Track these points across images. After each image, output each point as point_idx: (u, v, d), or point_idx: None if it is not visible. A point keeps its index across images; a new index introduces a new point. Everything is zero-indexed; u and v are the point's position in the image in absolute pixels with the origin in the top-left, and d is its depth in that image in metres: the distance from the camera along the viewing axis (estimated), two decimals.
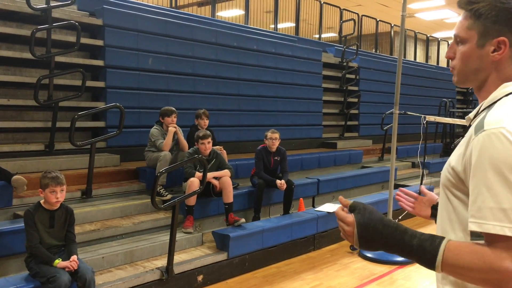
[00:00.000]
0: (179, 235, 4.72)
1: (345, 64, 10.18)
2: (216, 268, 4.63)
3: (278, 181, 5.72)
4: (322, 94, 9.69)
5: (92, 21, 6.16)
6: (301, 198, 6.34)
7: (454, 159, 1.20)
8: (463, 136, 1.23)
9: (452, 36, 1.30)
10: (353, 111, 10.40)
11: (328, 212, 5.94)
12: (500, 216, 1.03)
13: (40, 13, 5.42)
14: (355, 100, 10.36)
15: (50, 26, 5.30)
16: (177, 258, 4.44)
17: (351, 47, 10.84)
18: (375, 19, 14.31)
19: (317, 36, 12.60)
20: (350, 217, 1.21)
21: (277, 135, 5.91)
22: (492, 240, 1.05)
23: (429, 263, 1.10)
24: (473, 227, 1.07)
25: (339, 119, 10.37)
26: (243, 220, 5.10)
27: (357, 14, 13.10)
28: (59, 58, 5.54)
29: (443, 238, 1.12)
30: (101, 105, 5.90)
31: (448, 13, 16.60)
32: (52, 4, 5.47)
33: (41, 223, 3.43)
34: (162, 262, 4.30)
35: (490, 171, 1.05)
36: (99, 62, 6.13)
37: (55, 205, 3.50)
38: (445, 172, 1.23)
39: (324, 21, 12.64)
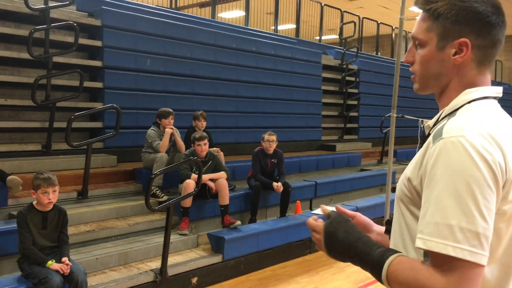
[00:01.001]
0: (174, 237, 4.72)
1: (345, 66, 10.17)
2: (211, 271, 4.62)
3: (275, 184, 5.71)
4: (322, 96, 9.68)
5: (90, 21, 6.16)
6: (298, 201, 6.33)
7: (410, 170, 1.09)
8: (421, 145, 1.14)
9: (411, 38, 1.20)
10: (352, 114, 10.38)
11: (324, 215, 5.91)
12: (445, 233, 0.92)
13: (39, 13, 5.43)
14: (355, 102, 10.34)
15: (48, 26, 5.30)
16: (172, 260, 4.43)
17: (351, 49, 10.83)
18: (376, 21, 14.30)
19: (318, 38, 12.59)
20: (320, 225, 1.18)
21: (274, 137, 5.90)
22: (434, 259, 0.95)
23: (379, 277, 1.04)
24: (418, 243, 0.97)
25: (339, 122, 10.35)
26: (238, 222, 5.09)
27: (358, 16, 13.10)
28: (57, 59, 5.54)
29: (395, 252, 1.05)
30: (99, 105, 5.91)
31: None
32: (51, 4, 5.47)
33: (34, 225, 3.43)
34: (157, 264, 4.29)
35: (442, 183, 0.95)
36: (97, 63, 6.14)
37: (48, 206, 3.49)
38: (400, 184, 1.13)
39: (325, 23, 12.64)
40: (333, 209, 1.28)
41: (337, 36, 12.56)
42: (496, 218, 0.96)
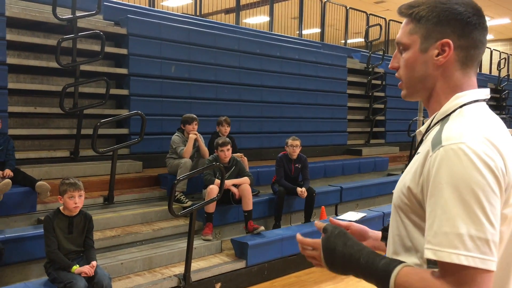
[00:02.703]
0: (198, 242, 4.73)
1: (370, 69, 10.04)
2: (234, 276, 4.61)
3: (298, 189, 5.66)
4: (347, 100, 9.57)
5: (116, 30, 6.29)
6: (323, 206, 6.26)
7: (409, 179, 1.07)
8: (415, 151, 1.14)
9: (396, 44, 1.20)
10: (379, 118, 10.23)
11: (350, 221, 5.82)
12: (455, 243, 0.92)
13: (66, 23, 5.56)
14: (381, 106, 10.19)
15: (75, 35, 5.43)
16: (195, 265, 4.44)
17: (377, 52, 10.68)
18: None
19: (344, 41, 12.49)
20: (317, 241, 1.17)
21: (298, 142, 5.86)
22: (445, 269, 0.94)
23: None
24: (428, 254, 0.96)
25: (365, 126, 10.22)
26: (262, 228, 5.06)
27: (384, 19, 12.92)
28: (84, 67, 5.67)
29: (400, 262, 1.03)
30: (124, 112, 6.01)
31: None
32: (78, 14, 5.60)
33: (60, 229, 3.50)
34: (181, 269, 4.31)
35: (447, 192, 0.94)
36: (123, 70, 6.25)
37: (74, 211, 3.56)
38: (399, 192, 1.11)
39: (351, 27, 12.53)
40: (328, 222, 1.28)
41: (363, 39, 12.43)
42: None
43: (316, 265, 1.20)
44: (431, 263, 1.00)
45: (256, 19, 14.72)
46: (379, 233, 1.41)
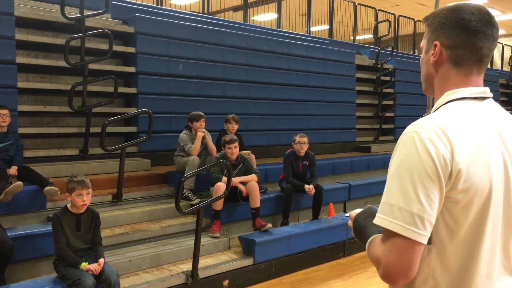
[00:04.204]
0: (205, 240, 4.75)
1: (379, 66, 9.97)
2: (242, 273, 4.62)
3: (306, 186, 5.65)
4: (356, 97, 9.52)
5: (124, 29, 6.32)
6: (331, 203, 6.24)
7: None
8: None
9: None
10: (388, 114, 10.16)
11: None
12: (386, 210, 1.10)
13: (75, 23, 5.61)
14: (391, 102, 10.11)
15: (84, 34, 5.47)
16: (203, 262, 4.46)
17: (386, 49, 10.61)
18: (413, 19, 13.95)
19: (352, 38, 12.42)
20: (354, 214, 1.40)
21: (305, 139, 5.85)
22: (384, 233, 1.13)
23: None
24: (374, 220, 1.15)
25: (374, 123, 10.16)
26: (270, 225, 5.07)
27: (394, 14, 12.82)
28: (93, 66, 5.71)
29: (380, 232, 1.19)
30: (133, 110, 6.04)
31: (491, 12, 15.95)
32: (86, 13, 5.65)
33: (68, 227, 3.54)
34: (188, 266, 4.33)
35: (392, 169, 1.13)
36: (131, 69, 6.28)
37: (82, 209, 3.59)
38: None
39: (360, 23, 12.45)
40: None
41: (372, 36, 12.35)
42: (449, 205, 1.11)
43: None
44: None
45: (264, 17, 14.68)
46: None
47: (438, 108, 1.23)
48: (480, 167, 1.12)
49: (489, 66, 16.50)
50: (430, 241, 1.13)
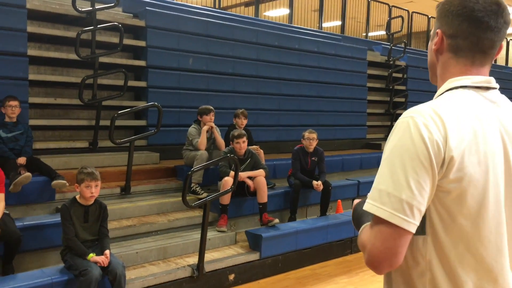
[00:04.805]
0: (212, 234, 4.76)
1: (391, 62, 9.87)
2: (248, 268, 4.62)
3: (314, 182, 5.63)
4: (367, 93, 9.45)
5: (135, 22, 6.34)
6: (339, 200, 6.21)
7: None
8: None
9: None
10: (399, 111, 10.05)
11: None
12: (375, 196, 1.07)
13: (86, 16, 5.64)
14: (402, 100, 10.02)
15: (94, 28, 5.49)
16: (209, 256, 4.47)
17: (399, 45, 10.50)
18: (427, 15, 13.79)
19: (365, 34, 12.32)
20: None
21: (314, 135, 5.82)
22: (373, 219, 1.10)
23: None
24: (364, 206, 1.12)
25: (385, 120, 10.07)
26: (277, 220, 5.06)
27: (407, 11, 12.68)
28: (103, 59, 5.74)
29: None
30: (142, 104, 6.06)
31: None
32: (97, 6, 5.67)
33: (76, 218, 3.56)
34: (195, 259, 4.34)
35: (385, 154, 1.10)
36: (141, 63, 6.30)
37: (90, 200, 3.62)
38: None
39: (373, 19, 12.34)
40: None
41: (385, 32, 12.24)
42: (441, 195, 1.07)
43: None
44: None
45: (276, 12, 14.63)
46: None
47: (439, 96, 1.21)
48: (476, 156, 1.07)
49: (504, 63, 16.26)
50: (425, 231, 1.10)
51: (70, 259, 3.48)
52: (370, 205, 1.07)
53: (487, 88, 1.18)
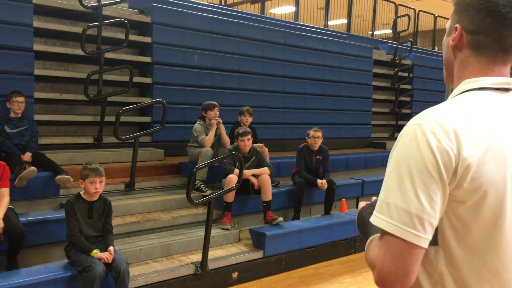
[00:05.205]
0: (216, 231, 4.75)
1: (397, 61, 9.82)
2: (251, 266, 4.61)
3: (319, 181, 5.61)
4: (372, 92, 9.41)
5: (141, 18, 6.32)
6: (343, 199, 6.19)
7: None
8: None
9: None
10: (405, 111, 10.02)
11: None
12: (383, 209, 1.01)
13: (92, 11, 5.62)
14: (408, 99, 9.97)
15: (100, 23, 5.47)
16: (213, 254, 4.47)
17: (405, 44, 10.44)
18: (433, 14, 13.71)
19: (371, 32, 12.26)
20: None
21: (319, 134, 5.80)
22: (380, 233, 1.03)
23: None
24: (371, 219, 1.05)
25: (390, 119, 10.03)
26: (281, 219, 5.04)
27: (414, 9, 12.60)
28: (109, 55, 5.73)
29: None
30: (148, 100, 6.04)
31: None
32: (103, 2, 5.65)
33: (81, 213, 3.57)
34: (198, 257, 4.34)
35: (392, 164, 1.03)
36: (147, 59, 6.29)
37: (94, 196, 3.62)
38: None
39: (379, 17, 12.28)
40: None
41: (391, 31, 12.18)
42: (454, 205, 1.00)
43: None
44: None
45: (282, 9, 14.57)
46: None
47: (452, 98, 1.12)
48: (493, 163, 0.99)
49: None
50: (437, 242, 1.03)
51: (74, 255, 3.49)
52: (379, 219, 1.01)
53: (507, 90, 1.09)
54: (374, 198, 1.38)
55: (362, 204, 1.34)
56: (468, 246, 1.02)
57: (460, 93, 1.10)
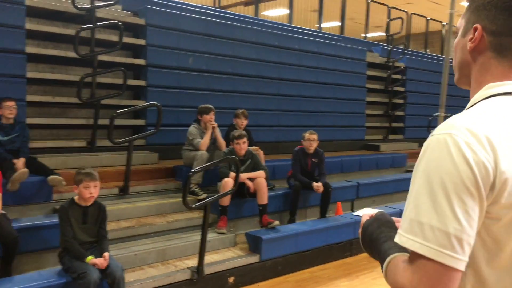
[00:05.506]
0: (212, 236, 4.70)
1: (391, 64, 9.85)
2: (248, 270, 4.57)
3: (314, 184, 5.59)
4: (366, 94, 9.42)
5: (135, 20, 6.27)
6: (338, 202, 6.17)
7: None
8: None
9: None
10: (398, 113, 10.05)
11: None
12: (415, 229, 0.91)
13: (85, 13, 5.57)
14: (401, 101, 10.01)
15: (94, 25, 5.43)
16: (209, 258, 4.42)
17: (398, 47, 10.48)
18: (425, 17, 13.79)
19: (364, 35, 12.29)
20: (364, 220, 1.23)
21: (315, 136, 5.77)
22: (410, 256, 0.93)
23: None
24: (396, 238, 0.96)
25: (383, 121, 10.06)
26: (277, 222, 5.01)
27: (406, 12, 12.66)
28: (102, 57, 5.68)
29: (400, 249, 1.01)
30: (142, 103, 6.00)
31: None
32: (97, 4, 5.60)
33: (75, 219, 3.50)
34: (194, 262, 4.28)
35: (421, 179, 0.93)
36: (141, 61, 6.24)
37: (89, 201, 3.56)
38: None
39: (372, 20, 12.32)
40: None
41: (384, 34, 12.22)
42: (488, 222, 0.92)
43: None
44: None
45: (275, 12, 14.57)
46: None
47: (475, 104, 1.02)
48: None
49: None
50: None
51: (68, 262, 3.42)
52: (411, 241, 0.90)
53: None
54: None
55: (364, 217, 1.25)
56: (500, 266, 0.94)
57: (483, 99, 1.02)
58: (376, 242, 1.10)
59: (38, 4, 5.41)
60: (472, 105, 1.03)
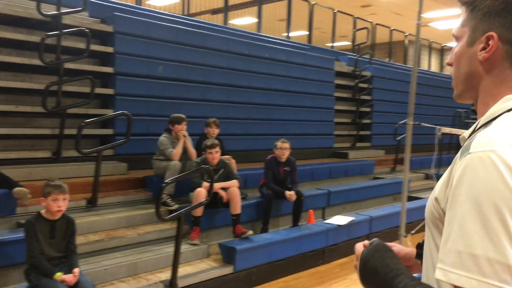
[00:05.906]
0: (184, 247, 4.61)
1: (358, 73, 10.04)
2: (221, 282, 4.50)
3: (287, 192, 5.59)
4: (334, 103, 9.55)
5: (102, 27, 6.13)
6: (310, 210, 6.19)
7: (438, 189, 0.96)
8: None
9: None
10: (365, 121, 10.23)
11: (338, 225, 5.78)
12: (468, 264, 0.79)
13: (51, 20, 5.39)
14: (368, 109, 10.20)
15: (60, 32, 5.26)
16: (182, 270, 4.32)
17: (364, 56, 10.70)
18: (389, 27, 14.16)
19: (331, 44, 12.49)
20: (360, 251, 1.09)
21: (287, 145, 5.79)
22: None
23: None
24: (438, 274, 0.83)
25: (351, 129, 10.21)
26: (250, 232, 4.97)
27: (371, 22, 12.97)
28: (69, 65, 5.51)
29: (420, 285, 0.91)
30: (110, 112, 5.84)
31: None
32: (63, 10, 5.44)
33: (42, 234, 3.35)
34: (167, 275, 4.18)
35: (466, 204, 0.81)
36: (109, 69, 6.09)
37: (57, 215, 3.42)
38: (429, 205, 0.99)
39: (337, 30, 12.54)
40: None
41: (350, 43, 12.46)
42: None
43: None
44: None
45: (243, 20, 14.63)
46: (413, 250, 1.26)
47: (497, 117, 0.94)
48: None
49: None
50: None
51: (35, 279, 3.26)
52: (464, 278, 0.78)
53: None
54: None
55: (359, 246, 1.11)
56: None
57: (505, 111, 0.93)
58: (384, 278, 0.98)
59: (1, 11, 5.21)
60: (493, 119, 0.94)
